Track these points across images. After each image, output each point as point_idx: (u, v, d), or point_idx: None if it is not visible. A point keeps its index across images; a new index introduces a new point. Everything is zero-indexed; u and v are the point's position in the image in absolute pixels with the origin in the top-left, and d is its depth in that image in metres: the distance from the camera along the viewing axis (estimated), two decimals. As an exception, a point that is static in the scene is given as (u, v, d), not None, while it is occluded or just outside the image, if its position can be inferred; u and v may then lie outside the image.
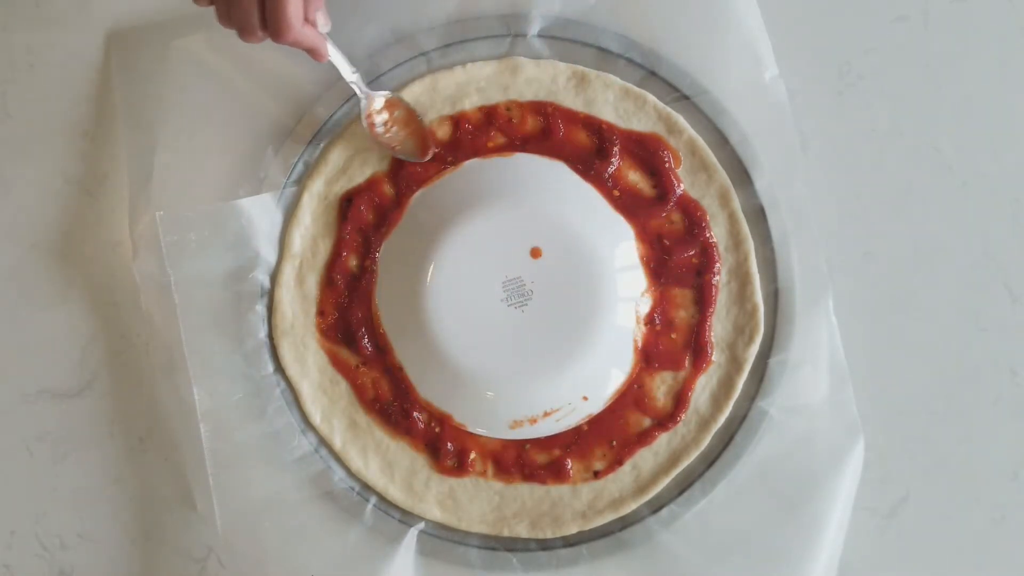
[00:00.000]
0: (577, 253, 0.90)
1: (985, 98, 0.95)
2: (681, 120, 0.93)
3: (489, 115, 0.94)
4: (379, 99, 0.92)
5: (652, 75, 0.94)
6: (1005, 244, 0.94)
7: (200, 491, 0.92)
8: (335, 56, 0.87)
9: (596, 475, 0.93)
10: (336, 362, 0.94)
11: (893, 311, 0.94)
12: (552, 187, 0.92)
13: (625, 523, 0.93)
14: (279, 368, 0.94)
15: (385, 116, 0.92)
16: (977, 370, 0.94)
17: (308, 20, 0.82)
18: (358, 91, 0.90)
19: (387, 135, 0.92)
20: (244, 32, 0.79)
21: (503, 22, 0.94)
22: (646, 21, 0.93)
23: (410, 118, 0.92)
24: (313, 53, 0.84)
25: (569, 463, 0.93)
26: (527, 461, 0.93)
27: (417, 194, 0.93)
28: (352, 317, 0.93)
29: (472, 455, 0.93)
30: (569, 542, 0.93)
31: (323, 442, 0.94)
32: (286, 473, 0.93)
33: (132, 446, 0.95)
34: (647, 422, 0.93)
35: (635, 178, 0.93)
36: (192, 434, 0.92)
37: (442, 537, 0.93)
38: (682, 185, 0.93)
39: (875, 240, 0.94)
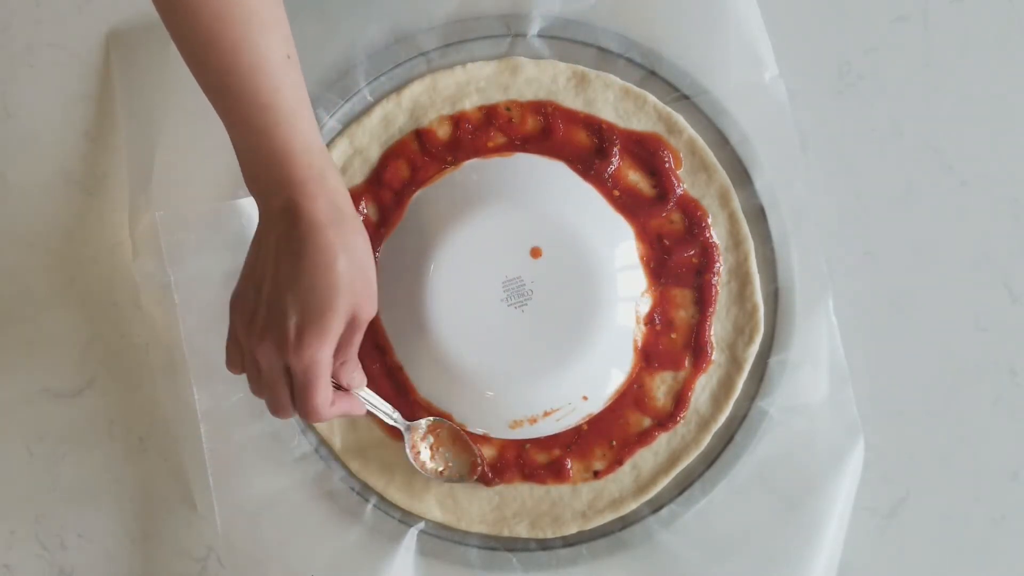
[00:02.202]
0: (577, 253, 0.90)
1: (985, 98, 0.95)
2: (681, 120, 0.93)
3: (489, 115, 0.94)
4: (422, 426, 0.91)
5: (652, 75, 0.94)
6: (1005, 244, 0.94)
7: (200, 491, 0.92)
8: (373, 403, 0.86)
9: (596, 475, 0.93)
10: (336, 362, 0.94)
11: (893, 311, 0.94)
12: (552, 187, 0.92)
13: (625, 523, 0.93)
14: (279, 368, 0.94)
15: (431, 440, 0.91)
16: (977, 370, 0.94)
17: (343, 383, 0.81)
18: (400, 426, 0.89)
19: (434, 460, 0.91)
20: (275, 411, 0.78)
21: (503, 22, 0.94)
22: (646, 21, 0.93)
23: (455, 435, 0.91)
24: (348, 415, 0.83)
25: (569, 463, 0.93)
26: (527, 461, 0.93)
27: (417, 194, 0.93)
28: (352, 317, 0.93)
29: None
30: (569, 542, 0.93)
31: (323, 442, 0.94)
32: (286, 473, 0.93)
33: (132, 446, 0.95)
34: (647, 422, 0.93)
35: (635, 178, 0.93)
36: (192, 434, 0.92)
37: (442, 537, 0.93)
38: (682, 185, 0.93)
39: (875, 240, 0.94)
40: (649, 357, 0.92)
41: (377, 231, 0.93)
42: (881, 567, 0.93)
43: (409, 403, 0.93)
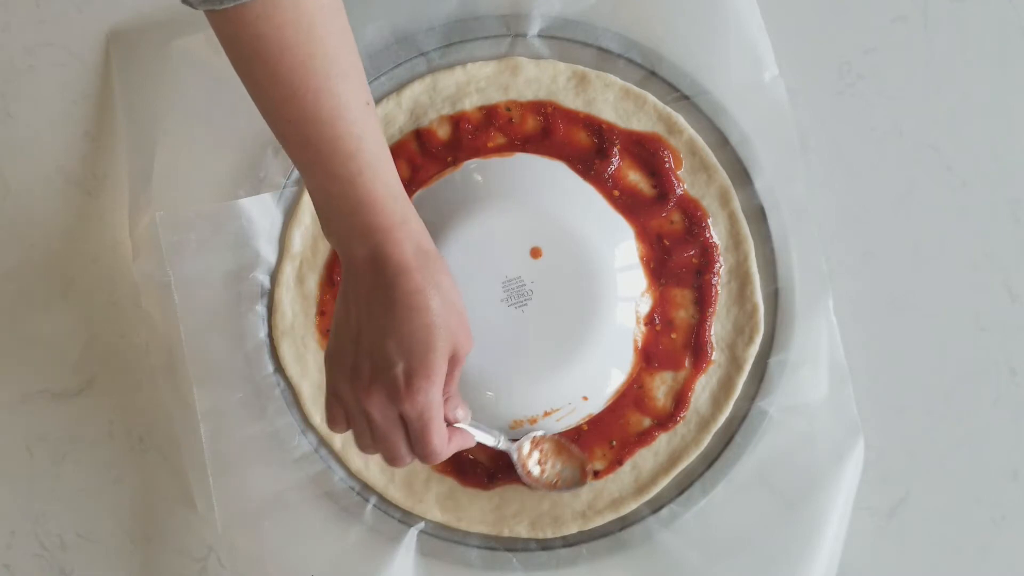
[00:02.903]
0: (577, 253, 0.90)
1: (985, 98, 0.95)
2: (681, 120, 0.93)
3: (489, 115, 0.94)
4: (526, 443, 0.91)
5: (652, 75, 0.94)
6: (1005, 244, 0.94)
7: (200, 491, 0.92)
8: (479, 436, 0.85)
9: (596, 475, 0.93)
10: (336, 362, 0.94)
11: (893, 311, 0.94)
12: (552, 187, 0.92)
13: (625, 523, 0.93)
14: (279, 368, 0.94)
15: (536, 455, 0.91)
16: (977, 370, 0.94)
17: (450, 420, 0.80)
18: (507, 450, 0.89)
19: (545, 474, 0.91)
20: (392, 461, 0.78)
21: (503, 22, 0.94)
22: (646, 21, 0.93)
23: (558, 446, 0.91)
24: (462, 448, 0.83)
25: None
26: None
27: (417, 194, 0.93)
28: (352, 317, 0.93)
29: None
30: (569, 542, 0.93)
31: (323, 442, 0.94)
32: (286, 473, 0.93)
33: (132, 446, 0.95)
34: (647, 422, 0.93)
35: (635, 178, 0.93)
36: (192, 434, 0.92)
37: (442, 537, 0.93)
38: (682, 185, 0.93)
39: (875, 240, 0.94)
40: (649, 357, 0.92)
41: (377, 231, 0.93)
42: (881, 567, 0.93)
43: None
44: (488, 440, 0.86)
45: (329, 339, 0.78)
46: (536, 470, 0.91)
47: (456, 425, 0.81)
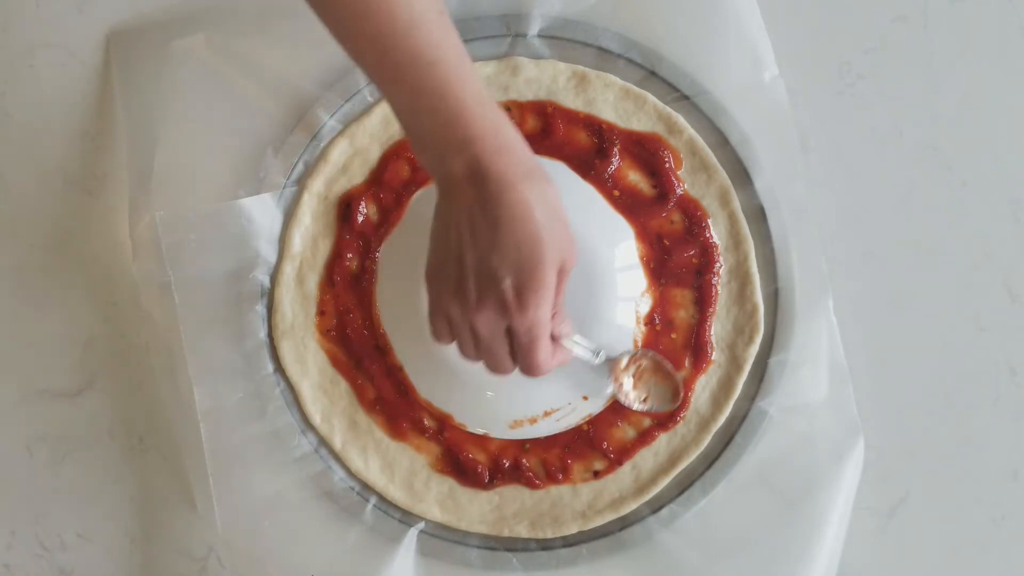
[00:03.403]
0: (577, 253, 0.89)
1: (985, 98, 0.95)
2: (681, 120, 0.93)
3: (489, 115, 0.94)
4: (624, 359, 0.90)
5: (652, 75, 0.94)
6: (1005, 244, 0.94)
7: (200, 491, 0.92)
8: (580, 353, 0.85)
9: (596, 475, 0.93)
10: (336, 362, 0.94)
11: (893, 311, 0.94)
12: (552, 187, 0.91)
13: (625, 523, 0.93)
14: (279, 368, 0.94)
15: (632, 369, 0.91)
16: (977, 370, 0.94)
17: (555, 336, 0.79)
18: (604, 366, 0.88)
19: (637, 390, 0.91)
20: (496, 371, 0.78)
21: (503, 22, 0.94)
22: (646, 21, 0.93)
23: (657, 365, 0.91)
24: (561, 365, 0.82)
25: (569, 463, 0.93)
26: (528, 461, 0.93)
27: (417, 194, 0.93)
28: (352, 317, 0.93)
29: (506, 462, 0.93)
30: (569, 542, 0.93)
31: (323, 442, 0.94)
32: (286, 473, 0.93)
33: (132, 446, 0.95)
34: (647, 422, 0.93)
35: (635, 178, 0.93)
36: (192, 434, 0.92)
37: (442, 537, 0.93)
38: (682, 185, 0.93)
39: (875, 240, 0.94)
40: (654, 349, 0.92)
41: (377, 231, 0.93)
42: (881, 567, 0.93)
43: (410, 403, 0.93)
44: (588, 356, 0.86)
45: (429, 258, 0.77)
46: (629, 384, 0.90)
47: (561, 342, 0.81)
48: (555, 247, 0.73)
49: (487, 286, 0.73)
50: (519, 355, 0.76)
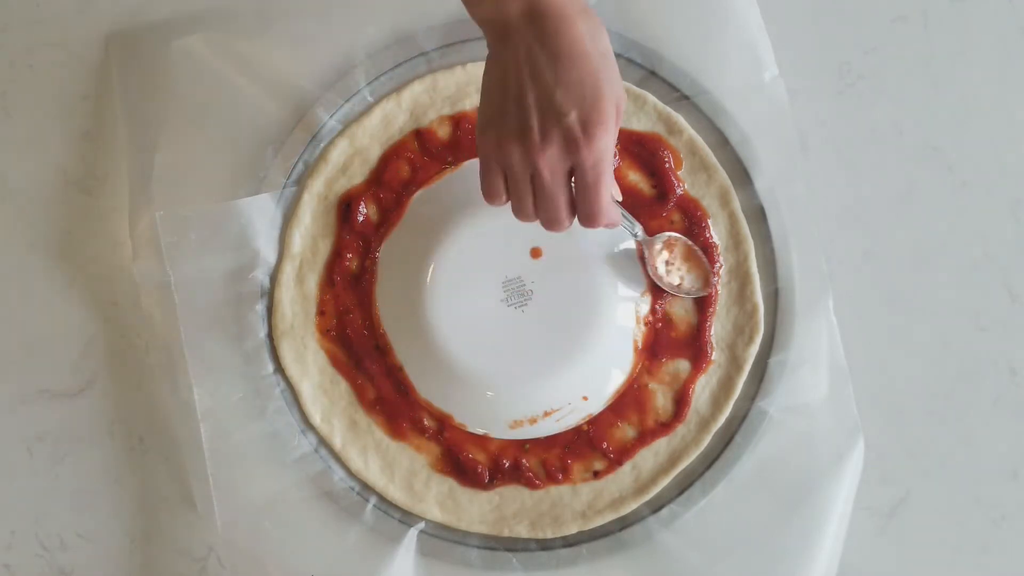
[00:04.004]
0: (577, 253, 0.90)
1: (985, 98, 0.95)
2: (681, 120, 0.93)
3: (489, 115, 0.94)
4: (658, 242, 0.91)
5: (652, 75, 0.94)
6: (1005, 244, 0.94)
7: (200, 491, 0.92)
8: (626, 216, 0.86)
9: (596, 475, 0.93)
10: (336, 362, 0.94)
11: (893, 311, 0.94)
12: (552, 187, 0.92)
13: (625, 523, 0.93)
14: (279, 368, 0.94)
15: (665, 255, 0.91)
16: (977, 370, 0.94)
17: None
18: (641, 241, 0.89)
19: (669, 275, 0.91)
20: (551, 224, 0.77)
21: (503, 22, 0.94)
22: (646, 21, 0.93)
23: (689, 252, 0.92)
24: (609, 226, 0.81)
25: (569, 463, 0.93)
26: (528, 462, 0.93)
27: (417, 194, 0.93)
28: (352, 317, 0.93)
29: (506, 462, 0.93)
30: (569, 542, 0.93)
31: (323, 442, 0.94)
32: (286, 473, 0.93)
33: (132, 446, 0.95)
34: (648, 422, 0.93)
35: (635, 178, 0.93)
36: (192, 434, 0.92)
37: (442, 537, 0.93)
38: (682, 185, 0.93)
39: (875, 240, 0.94)
40: (654, 351, 0.92)
41: (377, 231, 0.93)
42: (881, 567, 0.93)
43: (410, 403, 0.93)
44: (627, 224, 0.87)
45: (481, 109, 0.76)
46: (663, 269, 0.91)
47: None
48: (613, 84, 0.73)
49: (552, 122, 0.73)
50: (583, 197, 0.75)
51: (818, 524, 0.91)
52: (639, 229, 0.89)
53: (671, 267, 0.91)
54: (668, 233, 0.91)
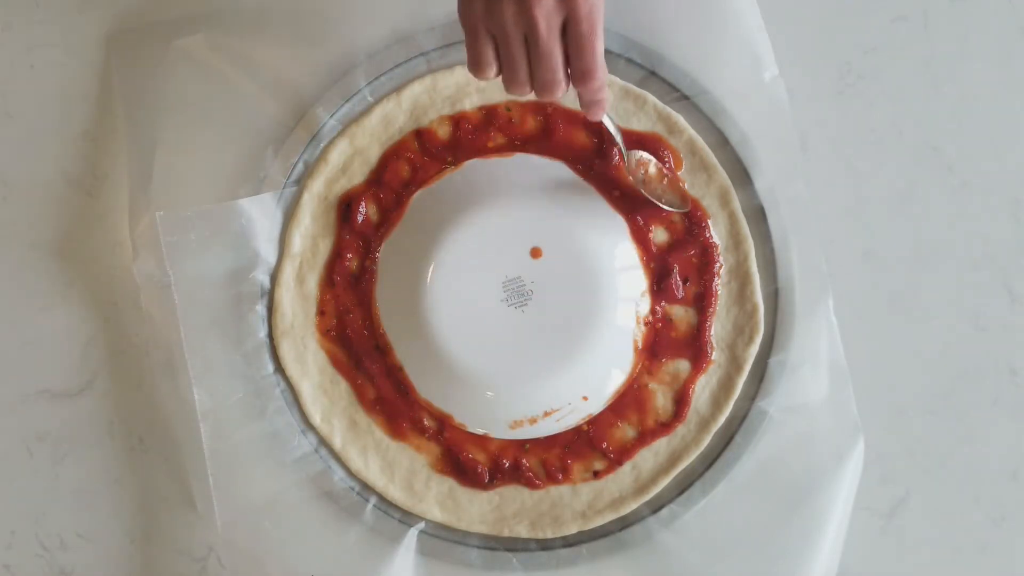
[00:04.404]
0: (577, 253, 0.90)
1: (985, 98, 0.95)
2: (681, 120, 0.93)
3: (489, 115, 0.94)
4: (633, 159, 0.91)
5: (652, 75, 0.94)
6: (1005, 244, 0.94)
7: (200, 491, 0.92)
8: (607, 117, 0.86)
9: (596, 475, 0.93)
10: (336, 362, 0.94)
11: (893, 311, 0.94)
12: (552, 187, 0.92)
13: (625, 523, 0.93)
14: (279, 368, 0.94)
15: (642, 173, 0.91)
16: (977, 370, 0.94)
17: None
18: (624, 153, 0.90)
19: (650, 187, 0.91)
20: (549, 86, 0.76)
21: (503, 22, 0.94)
22: (646, 21, 0.93)
23: (661, 173, 0.92)
24: (596, 107, 0.80)
25: (569, 463, 0.93)
26: (528, 462, 0.93)
27: (417, 194, 0.93)
28: (352, 317, 0.93)
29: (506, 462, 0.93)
30: (569, 542, 0.93)
31: (323, 442, 0.94)
32: (286, 473, 0.93)
33: (132, 446, 0.95)
34: (648, 422, 0.93)
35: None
36: (192, 434, 0.92)
37: (442, 537, 0.93)
38: (682, 185, 0.93)
39: (875, 240, 0.94)
40: (654, 351, 0.92)
41: (377, 231, 0.93)
42: (881, 567, 0.93)
43: (410, 403, 0.93)
44: (613, 128, 0.87)
45: None
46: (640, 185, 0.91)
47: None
48: None
49: None
50: (578, 51, 0.74)
51: (818, 524, 0.90)
52: (620, 137, 0.88)
53: (648, 185, 0.91)
54: (641, 152, 0.91)
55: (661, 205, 0.91)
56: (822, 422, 0.91)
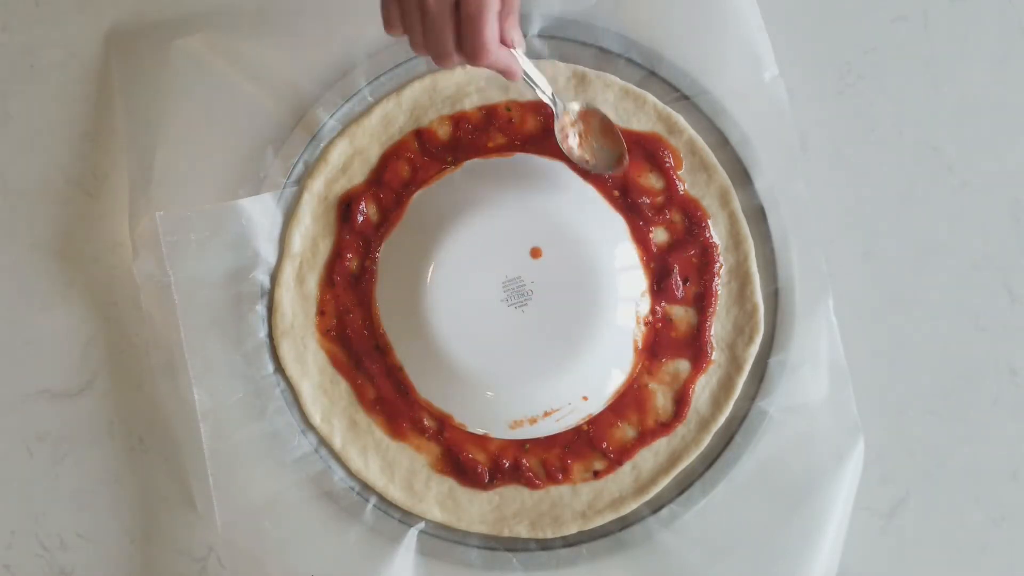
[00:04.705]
0: (577, 253, 0.90)
1: (985, 98, 0.95)
2: (681, 120, 0.93)
3: (489, 115, 0.94)
4: (573, 112, 0.90)
5: (652, 75, 0.94)
6: (1005, 244, 0.94)
7: (200, 491, 0.92)
8: (530, 72, 0.84)
9: (596, 475, 0.93)
10: (336, 362, 0.94)
11: (893, 311, 0.94)
12: (552, 187, 0.92)
13: (625, 523, 0.93)
14: (279, 368, 0.94)
15: (581, 127, 0.91)
16: (977, 370, 0.94)
17: (505, 41, 0.80)
18: (552, 105, 0.88)
19: (582, 148, 0.91)
20: (439, 58, 0.77)
21: (503, 22, 0.94)
22: (646, 21, 0.93)
23: (606, 127, 0.91)
24: (506, 73, 0.81)
25: (569, 463, 0.93)
26: (528, 462, 0.93)
27: (417, 194, 0.93)
28: (352, 317, 0.93)
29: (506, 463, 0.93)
30: (569, 542, 0.93)
31: (323, 442, 0.94)
32: (286, 473, 0.93)
33: (132, 446, 0.95)
34: (648, 422, 0.93)
35: (644, 181, 0.93)
36: (192, 434, 0.92)
37: (442, 537, 0.93)
38: (682, 185, 0.93)
39: (875, 240, 0.94)
40: (654, 351, 0.92)
41: (377, 231, 0.93)
42: (881, 567, 0.93)
43: (410, 403, 0.93)
44: (537, 85, 0.86)
45: None
46: (574, 141, 0.90)
47: (512, 51, 0.80)
48: None
49: None
50: (464, 30, 0.75)
51: (818, 524, 0.90)
52: (552, 93, 0.87)
53: (584, 140, 0.90)
54: (587, 105, 0.90)
55: (586, 167, 0.90)
56: (822, 422, 0.91)
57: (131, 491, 0.95)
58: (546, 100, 0.87)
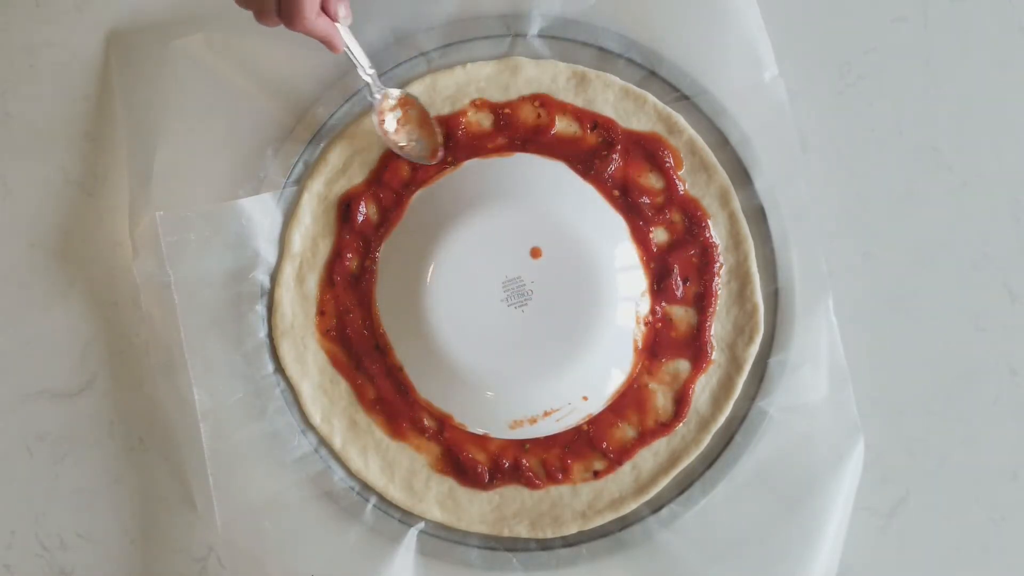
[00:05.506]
0: (577, 253, 0.90)
1: (985, 98, 0.95)
2: (681, 120, 0.93)
3: (489, 115, 0.94)
4: (393, 97, 0.91)
5: (652, 75, 0.94)
6: (1005, 244, 0.94)
7: (200, 491, 0.92)
8: (352, 48, 0.86)
9: (596, 475, 0.93)
10: (336, 362, 0.94)
11: (893, 311, 0.94)
12: (552, 187, 0.92)
13: (625, 523, 0.93)
14: (279, 368, 0.94)
15: (399, 114, 0.91)
16: (977, 370, 0.94)
17: (329, 12, 0.82)
18: (372, 87, 0.90)
19: (397, 134, 0.91)
20: (260, 15, 0.81)
21: (503, 22, 0.94)
22: (646, 21, 0.93)
23: (423, 119, 0.92)
24: (328, 44, 0.84)
25: (569, 463, 0.93)
26: (528, 462, 0.93)
27: (417, 194, 0.93)
28: (352, 317, 0.93)
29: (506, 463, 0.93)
30: (569, 542, 0.93)
31: (323, 442, 0.94)
32: (286, 473, 0.93)
33: (132, 446, 0.95)
34: (648, 422, 0.93)
35: (644, 181, 0.93)
36: (192, 434, 0.92)
37: (442, 537, 0.93)
38: (683, 185, 0.93)
39: (875, 240, 0.94)
40: (654, 351, 0.92)
41: (377, 231, 0.93)
42: (881, 567, 0.93)
43: (410, 403, 0.93)
44: (357, 62, 0.87)
45: None
46: (391, 125, 0.91)
47: (337, 24, 0.83)
48: None
49: None
50: None
51: (818, 524, 0.91)
52: (373, 74, 0.89)
53: (401, 127, 0.91)
54: (405, 92, 0.92)
55: (400, 154, 0.91)
56: (822, 422, 0.91)
57: (131, 491, 0.95)
58: (366, 79, 0.89)
